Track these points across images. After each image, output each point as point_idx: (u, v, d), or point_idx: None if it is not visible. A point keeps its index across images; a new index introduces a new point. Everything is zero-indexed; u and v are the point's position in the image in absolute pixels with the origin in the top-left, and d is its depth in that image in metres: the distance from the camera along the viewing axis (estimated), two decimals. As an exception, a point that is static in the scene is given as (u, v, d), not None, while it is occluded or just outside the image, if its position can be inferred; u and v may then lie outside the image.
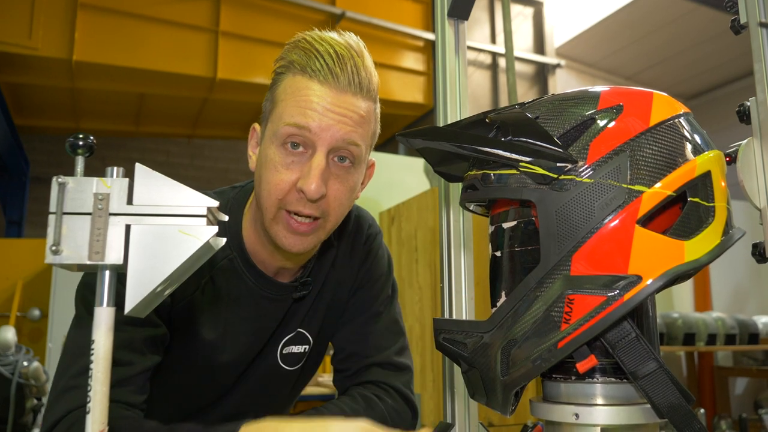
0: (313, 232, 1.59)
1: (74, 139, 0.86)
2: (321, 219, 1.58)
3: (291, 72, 1.57)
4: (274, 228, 1.58)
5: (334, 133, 1.51)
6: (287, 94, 1.56)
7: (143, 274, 0.81)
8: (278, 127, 1.53)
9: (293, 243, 1.58)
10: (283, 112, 1.54)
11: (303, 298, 1.83)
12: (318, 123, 1.50)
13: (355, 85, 1.54)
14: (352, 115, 1.54)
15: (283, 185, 1.53)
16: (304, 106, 1.51)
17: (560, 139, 0.95)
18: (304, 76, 1.54)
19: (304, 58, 1.54)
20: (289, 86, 1.56)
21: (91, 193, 0.82)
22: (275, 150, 1.54)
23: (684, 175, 0.92)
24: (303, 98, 1.52)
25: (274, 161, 1.54)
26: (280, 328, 1.82)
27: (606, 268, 0.89)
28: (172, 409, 1.80)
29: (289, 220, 1.56)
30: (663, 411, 0.91)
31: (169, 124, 12.00)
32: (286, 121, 1.52)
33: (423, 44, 11.17)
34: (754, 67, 1.21)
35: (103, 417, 0.80)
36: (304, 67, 1.54)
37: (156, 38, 9.16)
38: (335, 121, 1.51)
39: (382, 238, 2.07)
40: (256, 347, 1.79)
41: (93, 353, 0.81)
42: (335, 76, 1.52)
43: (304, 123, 1.50)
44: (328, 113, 1.51)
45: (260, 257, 1.74)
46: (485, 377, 1.01)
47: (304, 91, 1.52)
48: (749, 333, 8.09)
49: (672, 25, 11.96)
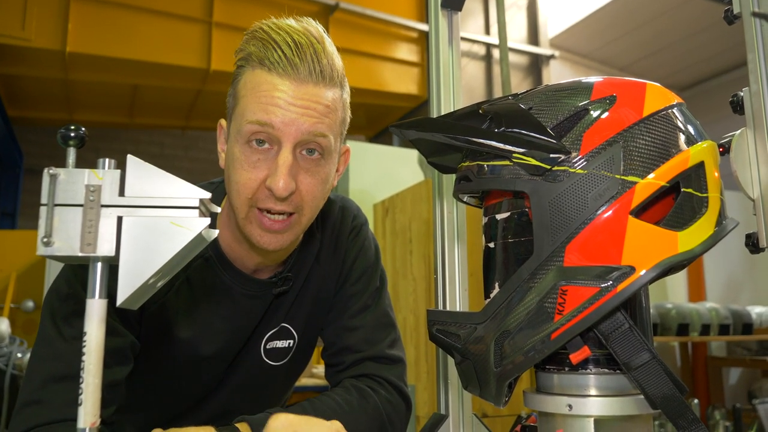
0: (288, 229, 1.57)
1: (65, 130, 0.85)
2: (295, 214, 1.56)
3: (250, 65, 1.54)
4: (248, 227, 1.56)
5: (299, 126, 1.48)
6: (248, 89, 1.52)
7: (135, 265, 0.80)
8: (241, 125, 1.51)
9: (269, 241, 1.56)
10: (245, 110, 1.51)
11: (284, 293, 1.81)
12: (281, 118, 1.47)
13: (317, 74, 1.51)
14: (316, 107, 1.50)
15: (251, 184, 1.51)
16: (265, 102, 1.48)
17: (553, 130, 0.95)
18: (263, 69, 1.51)
19: (262, 50, 1.51)
20: (249, 81, 1.53)
21: (83, 185, 0.82)
22: (240, 148, 1.52)
23: (677, 166, 0.92)
24: (263, 94, 1.49)
25: (240, 160, 1.52)
26: (262, 324, 1.80)
27: (599, 259, 0.89)
28: (159, 411, 1.79)
29: (262, 218, 1.54)
30: (656, 402, 0.91)
31: (163, 116, 11.95)
32: (248, 119, 1.49)
33: (417, 35, 11.14)
34: (748, 57, 1.21)
35: (95, 409, 0.80)
36: (262, 59, 1.50)
37: (149, 29, 9.13)
38: (299, 114, 1.48)
39: (368, 228, 2.05)
40: (237, 345, 1.77)
41: (85, 345, 0.80)
42: (294, 67, 1.48)
43: (266, 120, 1.47)
44: (291, 107, 1.47)
45: (237, 255, 1.72)
46: (478, 368, 1.01)
47: (264, 86, 1.49)
48: (743, 323, 8.09)
49: (665, 15, 11.95)
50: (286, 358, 1.88)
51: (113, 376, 1.52)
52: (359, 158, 7.19)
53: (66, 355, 1.46)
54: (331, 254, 1.91)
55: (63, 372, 1.45)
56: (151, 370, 1.68)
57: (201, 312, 1.70)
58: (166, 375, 1.74)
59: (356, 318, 1.91)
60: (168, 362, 1.70)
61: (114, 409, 1.54)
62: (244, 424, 1.46)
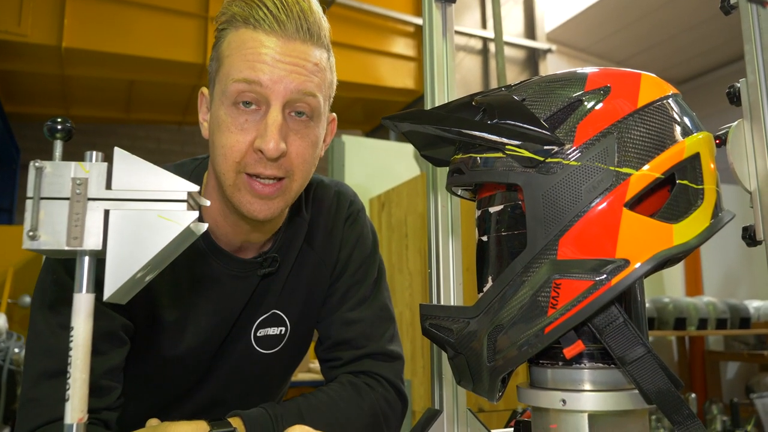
0: (279, 194, 1.52)
1: (52, 123, 0.84)
2: (286, 179, 1.52)
3: (233, 26, 1.50)
4: (237, 195, 1.51)
5: (288, 84, 1.44)
6: (232, 49, 1.49)
7: (122, 259, 0.80)
8: (227, 85, 1.46)
9: (259, 209, 1.51)
10: (231, 69, 1.47)
11: (271, 275, 1.76)
12: (269, 76, 1.43)
13: (304, 32, 1.47)
14: (305, 64, 1.47)
15: (239, 146, 1.46)
16: (251, 59, 1.44)
17: (547, 121, 0.94)
18: (248, 27, 1.47)
19: (246, 9, 1.47)
20: (233, 41, 1.49)
21: (69, 178, 0.81)
22: (226, 110, 1.48)
23: (672, 157, 0.91)
24: (250, 51, 1.45)
25: (226, 123, 1.47)
26: (249, 308, 1.75)
27: (593, 252, 0.88)
28: (146, 401, 1.76)
29: (252, 183, 1.49)
30: (651, 396, 0.90)
31: (159, 111, 11.95)
32: (234, 77, 1.45)
33: (413, 30, 11.14)
34: (745, 48, 1.21)
35: (82, 405, 0.79)
36: (246, 18, 1.47)
37: (145, 24, 9.14)
38: (287, 72, 1.44)
39: (365, 215, 2.00)
40: (223, 329, 1.73)
41: (72, 340, 0.80)
42: (281, 24, 1.45)
43: (253, 77, 1.43)
44: (279, 64, 1.44)
45: (222, 231, 1.67)
46: (472, 363, 1.00)
47: (250, 43, 1.45)
48: (740, 317, 8.11)
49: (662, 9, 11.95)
50: (278, 347, 1.83)
51: (111, 362, 1.51)
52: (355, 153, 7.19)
53: (56, 349, 1.45)
54: (326, 240, 1.86)
55: (54, 367, 1.44)
56: (135, 358, 1.64)
57: (184, 293, 1.66)
58: (153, 362, 1.70)
59: (354, 311, 1.86)
60: (152, 348, 1.67)
61: (119, 392, 1.54)
62: (237, 419, 1.45)
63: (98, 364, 1.48)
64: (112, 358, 1.52)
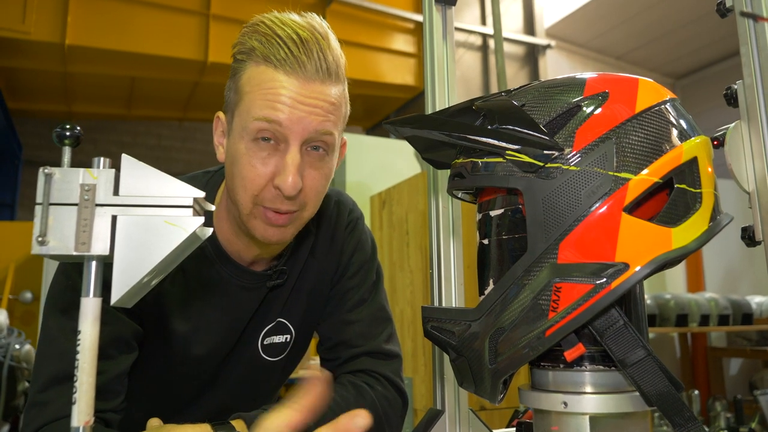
0: (291, 223, 1.56)
1: (61, 129, 0.85)
2: (298, 210, 1.55)
3: (253, 60, 1.51)
4: (252, 222, 1.55)
5: (306, 125, 1.46)
6: (252, 85, 1.49)
7: (129, 264, 0.80)
8: (247, 122, 1.48)
9: (272, 234, 1.55)
10: (251, 106, 1.48)
11: (279, 287, 1.80)
12: (288, 116, 1.45)
13: (323, 72, 1.49)
14: (323, 104, 1.49)
15: (258, 181, 1.49)
16: (272, 99, 1.45)
17: (546, 126, 0.95)
18: (268, 66, 1.48)
19: (266, 46, 1.48)
20: (253, 77, 1.50)
21: (78, 184, 0.81)
22: (246, 145, 1.50)
23: (670, 162, 0.92)
24: (270, 91, 1.46)
25: (247, 156, 1.49)
26: (257, 318, 1.80)
27: (593, 256, 0.89)
28: (154, 407, 1.75)
29: (267, 213, 1.52)
30: (652, 399, 0.91)
31: (160, 108, 11.98)
32: (255, 116, 1.47)
33: (413, 26, 11.15)
34: (741, 50, 1.22)
35: (89, 408, 0.80)
36: (267, 55, 1.48)
37: (147, 22, 9.17)
38: (306, 113, 1.46)
39: (364, 222, 2.03)
40: (232, 338, 1.77)
41: (79, 344, 0.81)
42: (302, 65, 1.46)
43: (274, 117, 1.45)
44: (299, 105, 1.46)
45: (234, 247, 1.71)
46: (473, 365, 1.01)
47: (271, 83, 1.47)
48: (743, 313, 8.09)
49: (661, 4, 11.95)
50: (283, 354, 1.88)
51: (119, 368, 1.53)
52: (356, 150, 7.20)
53: (67, 353, 1.46)
54: (327, 249, 1.90)
55: (65, 372, 1.46)
56: (144, 364, 1.66)
57: (194, 302, 1.69)
58: (162, 369, 1.72)
59: (353, 312, 1.91)
60: (162, 355, 1.69)
61: (123, 397, 1.56)
62: (240, 421, 1.46)
63: (110, 368, 1.51)
64: (121, 363, 1.54)
